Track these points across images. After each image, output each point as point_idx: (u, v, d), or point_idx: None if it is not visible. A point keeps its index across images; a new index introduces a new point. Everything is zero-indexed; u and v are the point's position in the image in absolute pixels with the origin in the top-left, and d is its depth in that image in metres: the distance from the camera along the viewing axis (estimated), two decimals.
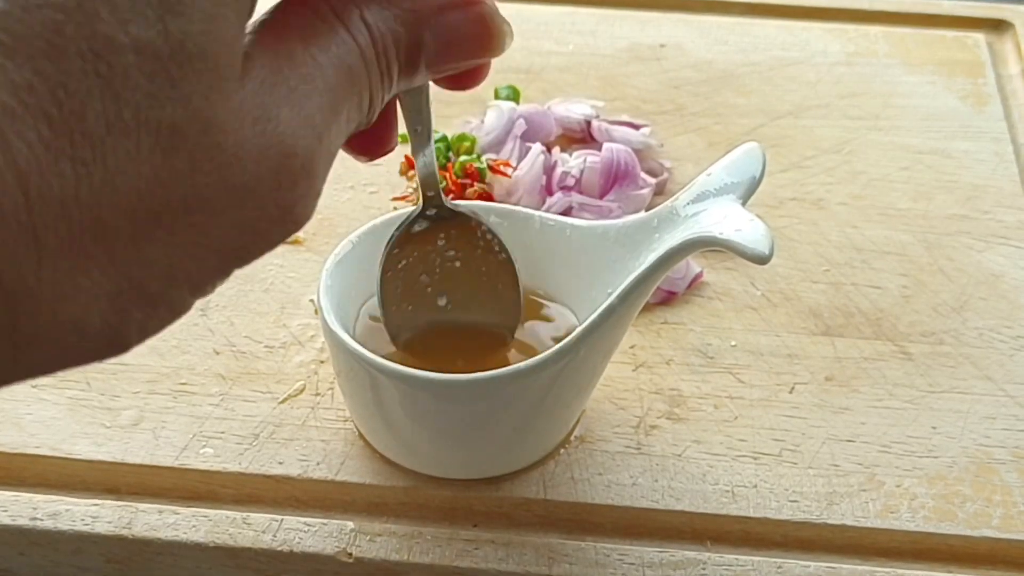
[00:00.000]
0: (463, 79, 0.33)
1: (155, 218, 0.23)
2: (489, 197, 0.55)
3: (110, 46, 0.22)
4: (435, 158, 0.39)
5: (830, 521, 0.42)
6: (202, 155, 0.24)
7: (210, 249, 0.25)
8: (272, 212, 0.26)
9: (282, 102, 0.25)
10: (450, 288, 0.42)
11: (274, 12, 0.28)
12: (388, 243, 0.41)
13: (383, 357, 0.39)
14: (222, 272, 0.26)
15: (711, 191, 0.39)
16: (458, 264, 0.42)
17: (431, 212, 0.40)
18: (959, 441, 0.46)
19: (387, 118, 0.33)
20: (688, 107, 0.63)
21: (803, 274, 0.53)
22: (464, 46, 0.30)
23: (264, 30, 0.27)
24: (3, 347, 0.22)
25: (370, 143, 0.33)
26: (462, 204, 0.42)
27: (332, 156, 0.28)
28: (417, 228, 0.41)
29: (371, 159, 0.34)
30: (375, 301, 0.42)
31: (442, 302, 0.43)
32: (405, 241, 0.41)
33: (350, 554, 0.41)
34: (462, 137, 0.58)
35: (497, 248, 0.42)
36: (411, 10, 0.29)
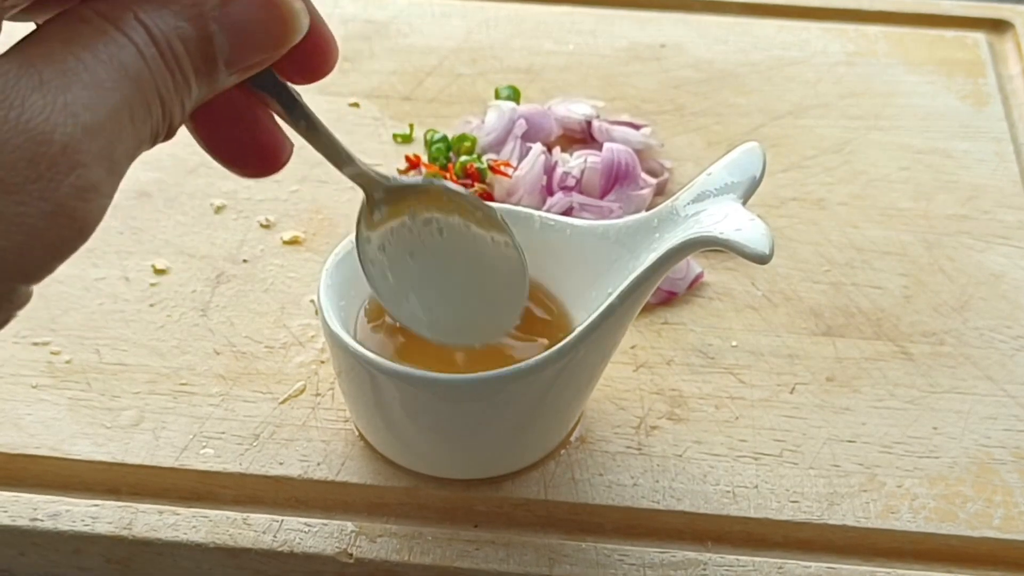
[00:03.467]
0: (309, 68, 0.31)
1: None
2: (490, 197, 0.55)
3: None
4: (339, 145, 0.34)
5: (831, 521, 0.42)
6: None
7: None
8: (41, 206, 0.24)
9: (30, 92, 0.24)
10: (444, 257, 0.39)
11: (38, 28, 0.26)
12: (355, 236, 0.38)
13: (384, 357, 0.39)
14: (3, 282, 0.25)
15: (711, 191, 0.39)
16: (442, 234, 0.38)
17: (378, 195, 0.37)
18: (960, 441, 0.45)
19: (264, 134, 0.31)
20: (688, 107, 0.63)
21: (804, 274, 0.53)
22: (257, 35, 0.28)
23: (21, 42, 0.26)
24: None
25: (255, 162, 0.32)
26: (403, 179, 0.37)
27: (117, 155, 0.26)
28: (378, 216, 0.37)
29: (259, 174, 0.32)
30: (374, 301, 0.42)
31: (441, 277, 0.39)
32: (371, 229, 0.38)
33: (351, 555, 0.41)
34: (462, 137, 0.58)
35: (471, 205, 0.38)
36: (191, 4, 0.27)
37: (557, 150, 0.57)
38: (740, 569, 0.41)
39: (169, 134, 0.28)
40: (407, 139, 0.60)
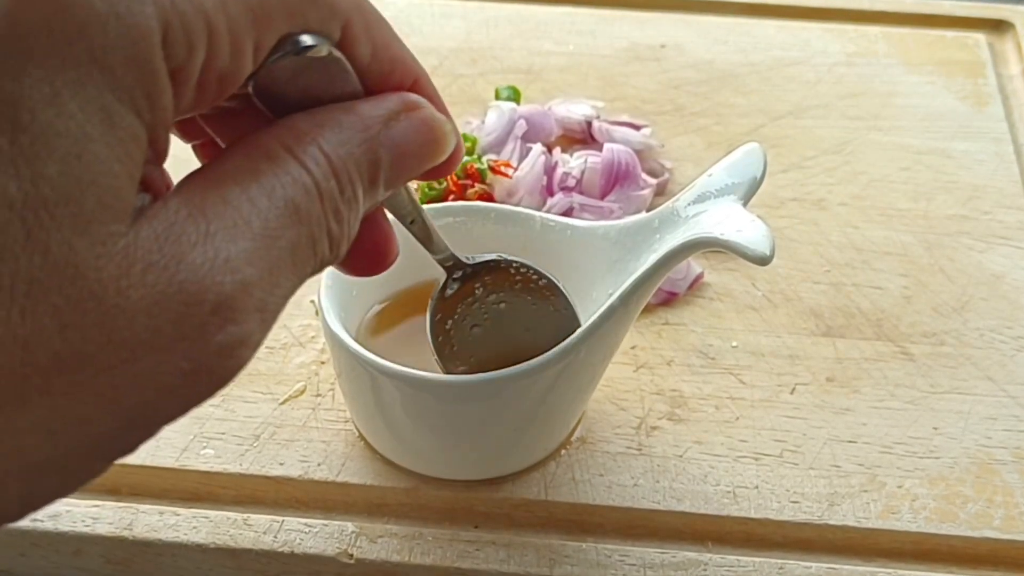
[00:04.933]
0: (370, 264, 0.32)
1: (21, 381, 0.21)
2: (490, 198, 0.55)
3: None
4: (437, 235, 0.37)
5: (831, 522, 0.42)
6: (71, 309, 0.21)
7: (104, 409, 0.22)
8: (182, 366, 0.23)
9: (191, 248, 0.23)
10: (504, 328, 0.41)
11: (214, 159, 0.26)
12: (429, 312, 0.40)
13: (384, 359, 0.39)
14: (132, 433, 0.23)
15: (712, 192, 0.39)
16: (503, 306, 0.41)
17: (457, 275, 0.40)
18: (960, 442, 0.45)
19: (379, 234, 0.32)
20: (688, 107, 0.63)
21: (804, 275, 0.53)
22: (415, 154, 0.29)
23: (196, 175, 0.25)
24: None
25: (365, 263, 0.32)
26: (481, 256, 0.40)
27: (271, 306, 0.25)
28: (450, 292, 0.40)
29: (367, 273, 0.32)
30: (380, 307, 0.42)
31: (498, 341, 0.42)
32: (444, 305, 0.40)
33: (351, 555, 0.41)
34: (463, 138, 0.58)
35: (534, 276, 0.41)
36: (363, 128, 0.27)
37: (557, 150, 0.57)
38: (740, 569, 0.41)
39: (336, 259, 0.28)
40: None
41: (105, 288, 0.22)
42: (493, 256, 0.40)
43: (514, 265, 0.41)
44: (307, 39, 0.26)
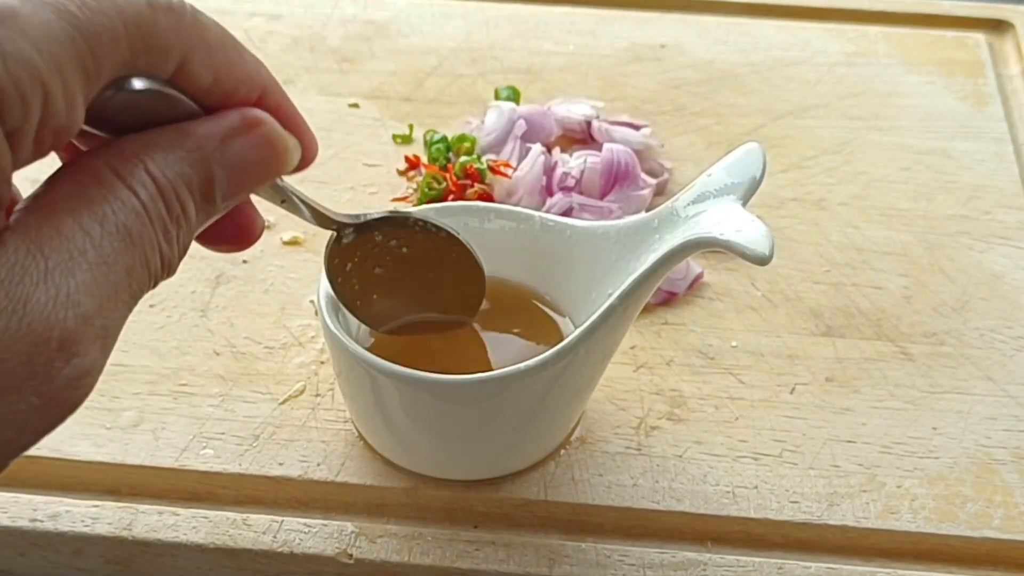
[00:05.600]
0: (232, 239, 0.33)
1: None
2: (489, 198, 0.55)
3: None
4: (317, 210, 0.37)
5: (831, 522, 0.42)
6: None
7: None
8: (33, 402, 0.24)
9: (33, 287, 0.24)
10: (407, 270, 0.42)
11: (48, 182, 0.26)
12: (325, 257, 0.40)
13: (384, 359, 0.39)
14: None
15: (711, 192, 0.39)
16: (405, 250, 0.41)
17: (349, 233, 0.40)
18: (960, 442, 0.45)
19: (240, 216, 0.32)
20: (688, 107, 0.63)
21: (804, 274, 0.53)
22: (254, 170, 0.30)
23: (32, 205, 0.25)
24: None
25: (229, 243, 0.33)
26: (374, 213, 0.40)
27: (111, 330, 0.26)
28: (346, 240, 0.40)
29: (232, 250, 0.33)
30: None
31: (403, 282, 0.42)
32: (341, 251, 0.40)
33: (350, 555, 0.41)
34: (462, 138, 0.58)
35: (434, 229, 0.41)
36: (196, 148, 0.28)
37: (557, 150, 0.57)
38: (740, 569, 0.41)
39: (168, 275, 0.28)
40: (407, 140, 0.60)
41: None
42: (387, 212, 0.41)
43: (411, 219, 0.41)
44: (136, 83, 0.27)
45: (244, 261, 0.52)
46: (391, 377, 0.39)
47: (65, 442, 0.44)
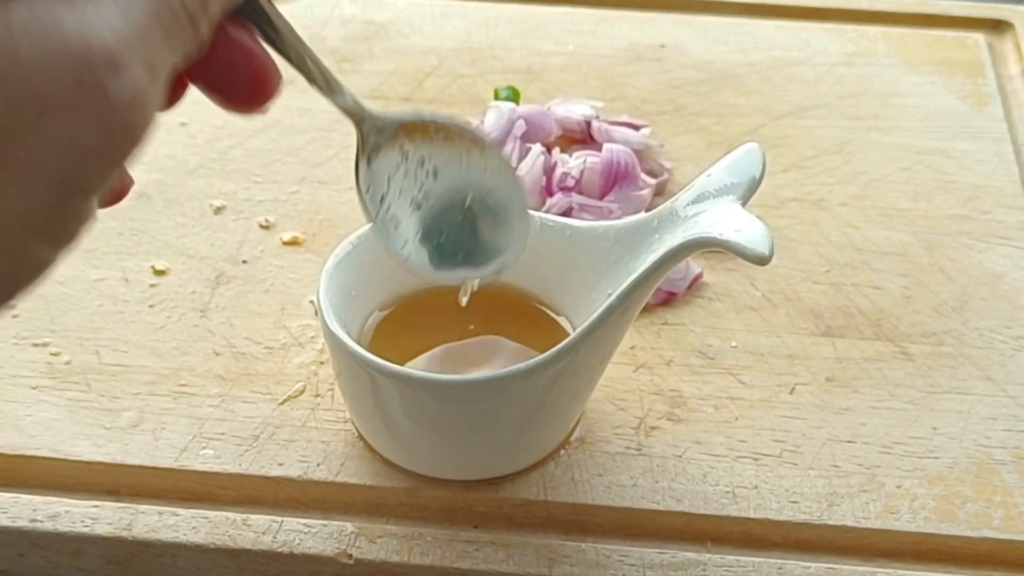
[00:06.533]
0: (249, 92, 0.32)
1: None
2: None
3: None
4: (334, 80, 0.35)
5: (831, 522, 0.42)
6: None
7: (28, 179, 0.24)
8: (91, 119, 0.25)
9: (64, 13, 0.24)
10: (447, 207, 0.39)
11: None
12: (359, 184, 0.37)
13: (386, 360, 0.39)
14: (61, 203, 0.25)
15: (711, 192, 0.39)
16: (436, 178, 0.38)
17: (370, 133, 0.37)
18: (960, 442, 0.45)
19: (255, 60, 0.31)
20: (688, 107, 0.63)
21: (803, 274, 0.53)
22: None
23: None
24: None
25: (245, 92, 0.32)
26: (393, 113, 0.37)
27: (156, 63, 0.26)
28: (374, 160, 0.37)
29: (250, 105, 0.32)
30: (383, 315, 0.42)
31: (440, 213, 0.39)
32: (372, 177, 0.37)
33: (350, 555, 0.41)
34: None
35: (456, 132, 0.38)
36: None
37: (557, 151, 0.57)
38: (740, 569, 0.41)
39: (200, 50, 0.29)
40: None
41: None
42: (409, 113, 0.37)
43: (435, 123, 0.37)
44: None
45: (244, 261, 0.52)
46: (391, 377, 0.39)
47: (65, 442, 0.44)
